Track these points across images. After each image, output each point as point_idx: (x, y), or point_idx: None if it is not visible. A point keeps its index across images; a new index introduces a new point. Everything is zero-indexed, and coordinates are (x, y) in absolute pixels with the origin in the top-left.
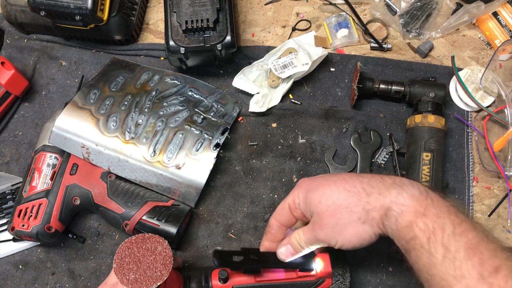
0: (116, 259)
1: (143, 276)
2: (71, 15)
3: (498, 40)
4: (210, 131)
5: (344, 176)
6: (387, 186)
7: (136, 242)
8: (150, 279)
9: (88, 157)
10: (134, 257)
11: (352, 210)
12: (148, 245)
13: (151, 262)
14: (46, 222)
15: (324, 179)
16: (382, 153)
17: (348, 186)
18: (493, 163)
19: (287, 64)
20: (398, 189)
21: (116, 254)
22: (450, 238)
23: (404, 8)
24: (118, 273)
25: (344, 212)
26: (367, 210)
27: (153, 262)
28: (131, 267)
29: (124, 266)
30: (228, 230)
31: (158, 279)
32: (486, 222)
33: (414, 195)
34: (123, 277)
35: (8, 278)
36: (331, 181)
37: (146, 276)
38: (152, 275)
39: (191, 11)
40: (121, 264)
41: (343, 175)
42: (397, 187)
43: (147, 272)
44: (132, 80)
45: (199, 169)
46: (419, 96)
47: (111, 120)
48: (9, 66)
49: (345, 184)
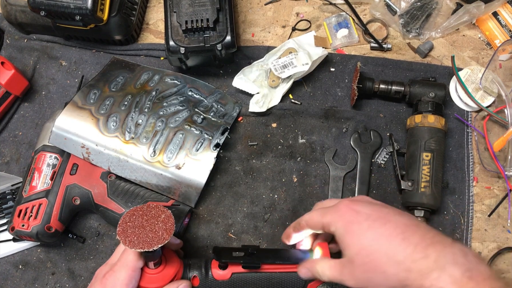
0: (121, 223)
1: (146, 238)
2: (71, 15)
3: (498, 40)
4: (210, 131)
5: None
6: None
7: (141, 209)
8: (152, 240)
9: (88, 157)
10: (137, 222)
11: (388, 277)
12: (152, 212)
13: (153, 227)
14: (46, 222)
15: (373, 219)
16: (382, 153)
17: (393, 247)
18: (493, 163)
19: (287, 64)
20: (439, 271)
21: (120, 219)
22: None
23: (404, 8)
24: (121, 236)
25: (379, 274)
26: (403, 284)
27: (156, 227)
28: (134, 231)
29: (128, 230)
30: (228, 230)
31: (160, 241)
32: (486, 222)
33: (456, 278)
34: (125, 238)
35: (8, 278)
36: (380, 223)
37: (148, 238)
38: (154, 237)
39: (191, 11)
40: (125, 228)
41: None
42: (439, 267)
43: (150, 234)
44: (132, 80)
45: (199, 169)
46: (419, 96)
47: (111, 120)
48: (9, 66)
49: (392, 240)
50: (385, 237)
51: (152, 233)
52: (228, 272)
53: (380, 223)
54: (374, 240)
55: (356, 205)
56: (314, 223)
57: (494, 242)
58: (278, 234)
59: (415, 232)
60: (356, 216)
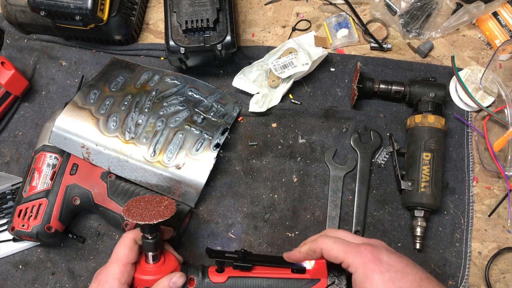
0: (127, 205)
1: (148, 214)
2: (71, 15)
3: (498, 40)
4: (210, 131)
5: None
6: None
7: (146, 197)
8: (154, 216)
9: (88, 157)
10: (141, 205)
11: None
12: (157, 199)
13: (156, 207)
14: (46, 222)
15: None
16: (382, 153)
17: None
18: (493, 163)
19: (287, 64)
20: None
21: (126, 203)
22: None
23: (404, 8)
24: (125, 212)
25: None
26: None
27: (158, 208)
28: (138, 210)
29: (132, 209)
30: (228, 230)
31: (160, 217)
32: (486, 222)
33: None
34: (129, 214)
35: (8, 278)
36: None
37: (150, 214)
38: (155, 214)
39: (191, 11)
40: (129, 207)
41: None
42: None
43: (152, 212)
44: (132, 80)
45: (199, 169)
46: (419, 96)
47: (111, 120)
48: (9, 66)
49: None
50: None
51: (154, 211)
52: (224, 276)
53: (400, 275)
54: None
55: (379, 254)
56: (333, 257)
57: (494, 242)
58: (278, 234)
59: (429, 285)
60: (379, 266)
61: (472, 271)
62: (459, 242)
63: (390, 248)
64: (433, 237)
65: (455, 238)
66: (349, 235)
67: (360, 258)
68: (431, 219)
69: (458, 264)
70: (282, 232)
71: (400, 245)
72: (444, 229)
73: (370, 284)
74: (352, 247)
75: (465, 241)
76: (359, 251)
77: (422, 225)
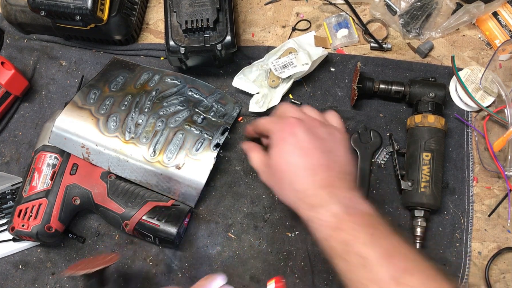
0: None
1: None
2: (71, 15)
3: (498, 40)
4: (210, 131)
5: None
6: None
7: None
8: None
9: (88, 157)
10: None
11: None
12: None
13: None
14: (46, 222)
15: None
16: (382, 153)
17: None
18: (493, 163)
19: (287, 64)
20: (324, 207)
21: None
22: (364, 247)
23: (404, 8)
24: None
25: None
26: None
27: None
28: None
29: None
30: (228, 230)
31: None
32: (486, 222)
33: (336, 213)
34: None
35: (8, 278)
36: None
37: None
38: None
39: (191, 11)
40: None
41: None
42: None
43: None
44: (132, 80)
45: (199, 169)
46: (419, 96)
47: (111, 120)
48: (9, 66)
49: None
50: (297, 167)
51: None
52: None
53: (301, 153)
54: (288, 163)
55: (300, 131)
56: (263, 128)
57: (494, 242)
58: (278, 234)
59: (323, 173)
60: (291, 138)
61: (472, 271)
62: (459, 242)
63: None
64: (433, 237)
65: (455, 238)
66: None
67: (280, 126)
68: (431, 219)
69: (458, 264)
70: (282, 232)
71: None
72: (444, 229)
73: (276, 149)
74: (280, 119)
75: (465, 241)
76: (284, 121)
77: (422, 225)
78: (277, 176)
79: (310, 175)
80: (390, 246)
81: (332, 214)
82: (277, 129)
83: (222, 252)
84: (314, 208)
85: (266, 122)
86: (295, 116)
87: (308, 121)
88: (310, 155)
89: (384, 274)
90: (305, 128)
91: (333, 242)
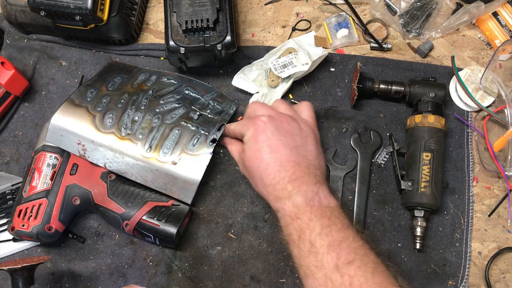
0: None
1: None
2: (71, 15)
3: (498, 40)
4: (207, 127)
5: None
6: (284, 194)
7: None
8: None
9: (84, 154)
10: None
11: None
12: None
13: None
14: (46, 222)
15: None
16: (382, 153)
17: (267, 173)
18: (493, 163)
19: (287, 64)
20: (288, 200)
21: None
22: (316, 236)
23: (404, 8)
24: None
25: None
26: (265, 198)
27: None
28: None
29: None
30: (228, 230)
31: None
32: (486, 222)
33: (298, 204)
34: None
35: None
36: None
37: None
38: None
39: (191, 11)
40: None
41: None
42: (289, 197)
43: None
44: (129, 80)
45: (195, 165)
46: (419, 96)
47: (107, 117)
48: (9, 66)
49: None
50: (267, 164)
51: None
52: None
53: (271, 150)
54: (258, 160)
55: (267, 126)
56: (236, 133)
57: (494, 242)
58: (278, 234)
59: (291, 169)
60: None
61: (472, 271)
62: (459, 242)
63: (291, 122)
64: (433, 237)
65: (455, 238)
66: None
67: (249, 127)
68: (431, 219)
69: (458, 264)
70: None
71: (400, 245)
72: (444, 229)
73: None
74: (250, 120)
75: (465, 241)
76: (253, 121)
77: (422, 225)
78: (250, 171)
79: (278, 171)
80: (340, 238)
81: (293, 205)
82: (248, 130)
83: (222, 252)
84: (280, 200)
85: (236, 127)
86: (264, 114)
87: (277, 118)
88: (279, 152)
89: (329, 262)
90: (273, 125)
91: (291, 229)
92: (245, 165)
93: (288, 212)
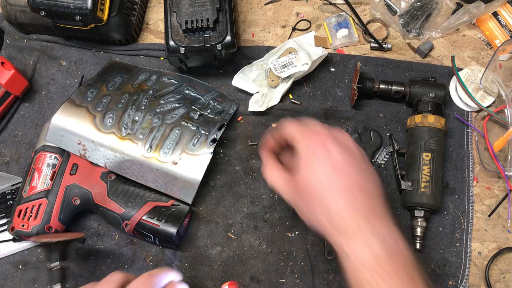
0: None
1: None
2: (71, 15)
3: (498, 40)
4: (207, 127)
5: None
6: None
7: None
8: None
9: (84, 154)
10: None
11: (315, 217)
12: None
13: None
14: (46, 222)
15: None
16: (382, 153)
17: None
18: (493, 163)
19: (287, 64)
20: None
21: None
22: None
23: (404, 8)
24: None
25: (309, 211)
26: (323, 231)
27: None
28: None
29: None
30: (228, 230)
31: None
32: (486, 222)
33: (375, 251)
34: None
35: (8, 278)
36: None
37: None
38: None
39: (191, 11)
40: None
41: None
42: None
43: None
44: (129, 80)
45: (196, 165)
46: (419, 96)
47: (108, 117)
48: (9, 66)
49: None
50: (331, 187)
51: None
52: None
53: (336, 171)
54: (320, 182)
55: (333, 145)
56: (288, 135)
57: (494, 242)
58: (278, 234)
59: (360, 196)
60: (324, 154)
61: (472, 271)
62: (459, 242)
63: (353, 147)
64: (433, 237)
65: (455, 238)
66: (319, 126)
67: (309, 138)
68: (431, 219)
69: (458, 264)
70: (282, 232)
71: None
72: (444, 229)
73: (305, 164)
74: (309, 129)
75: (465, 241)
76: (313, 132)
77: (422, 225)
78: (306, 196)
79: (346, 197)
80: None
81: (370, 251)
82: (306, 141)
83: (222, 252)
84: (347, 235)
85: (293, 130)
86: (322, 130)
87: (337, 135)
88: (345, 174)
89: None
90: (336, 142)
91: (363, 280)
92: (297, 188)
93: (361, 258)
